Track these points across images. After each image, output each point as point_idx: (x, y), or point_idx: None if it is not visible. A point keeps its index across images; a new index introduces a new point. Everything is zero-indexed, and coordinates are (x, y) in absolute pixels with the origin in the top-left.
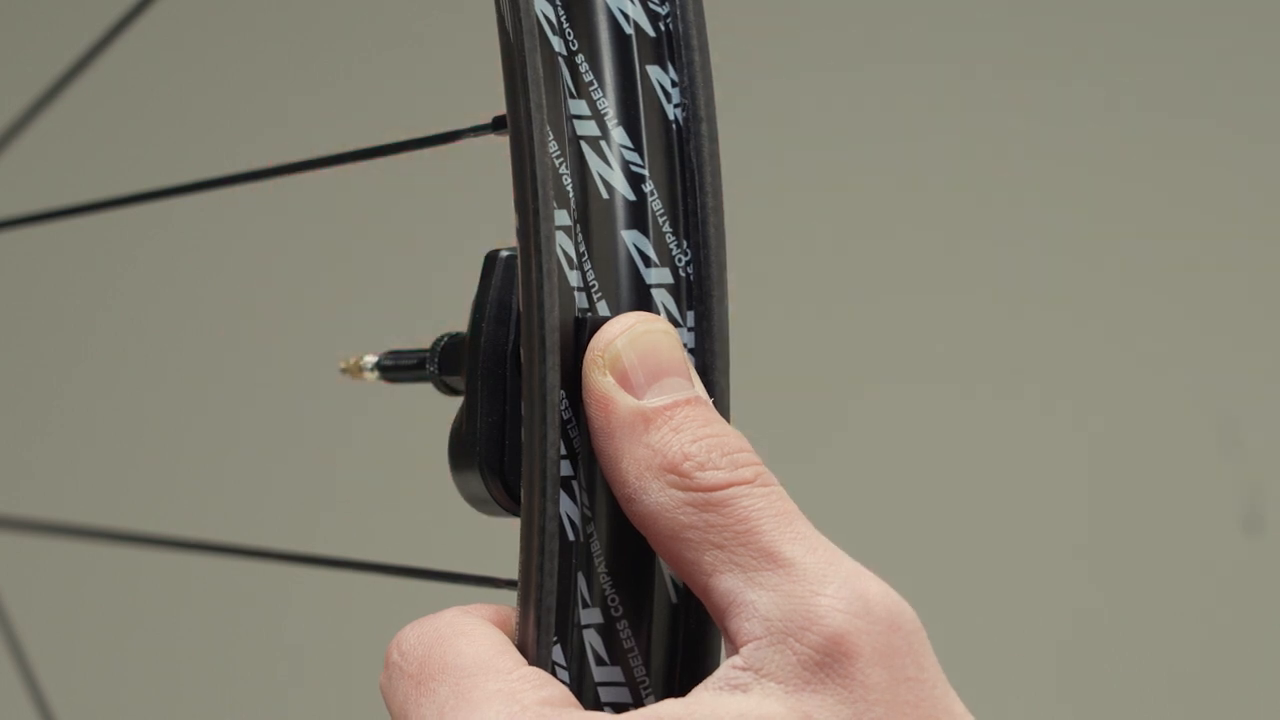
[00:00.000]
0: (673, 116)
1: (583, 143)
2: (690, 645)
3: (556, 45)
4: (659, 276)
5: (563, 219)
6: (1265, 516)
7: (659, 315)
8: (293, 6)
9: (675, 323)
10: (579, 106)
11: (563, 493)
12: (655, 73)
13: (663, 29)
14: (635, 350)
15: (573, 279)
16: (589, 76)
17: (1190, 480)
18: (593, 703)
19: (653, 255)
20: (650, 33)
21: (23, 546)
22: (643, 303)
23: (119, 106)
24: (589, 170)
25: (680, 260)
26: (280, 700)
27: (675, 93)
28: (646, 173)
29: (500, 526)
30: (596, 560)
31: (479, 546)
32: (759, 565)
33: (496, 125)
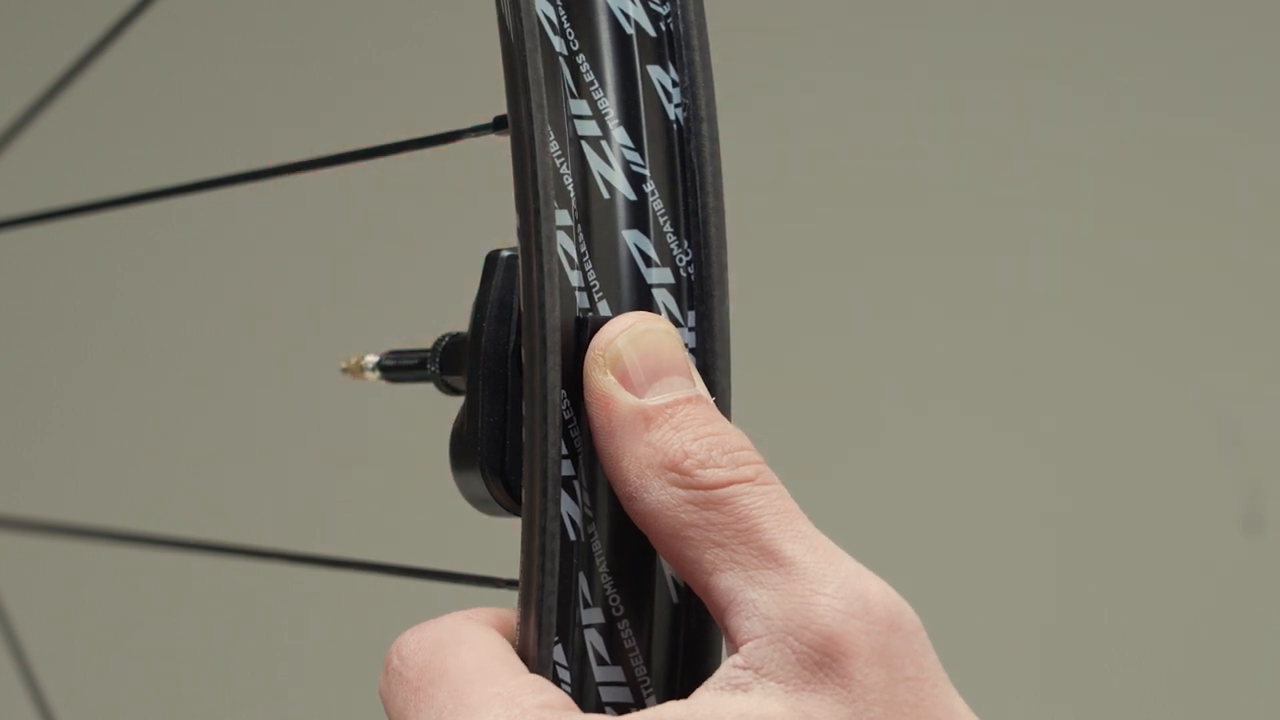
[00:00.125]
0: (673, 116)
1: (584, 142)
2: (691, 645)
3: (557, 45)
4: (660, 276)
5: (564, 219)
6: (1265, 516)
7: (660, 315)
8: (293, 6)
9: (676, 323)
10: (580, 106)
11: (564, 492)
12: (656, 72)
13: (663, 29)
14: (636, 349)
15: (574, 279)
16: (590, 76)
17: (1190, 480)
18: (594, 702)
19: (654, 255)
20: (651, 32)
21: (23, 546)
22: (644, 303)
23: (119, 106)
24: (590, 170)
25: (681, 260)
26: (280, 700)
27: (676, 93)
28: (647, 172)
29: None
30: (598, 560)
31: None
32: (759, 564)
33: (497, 125)
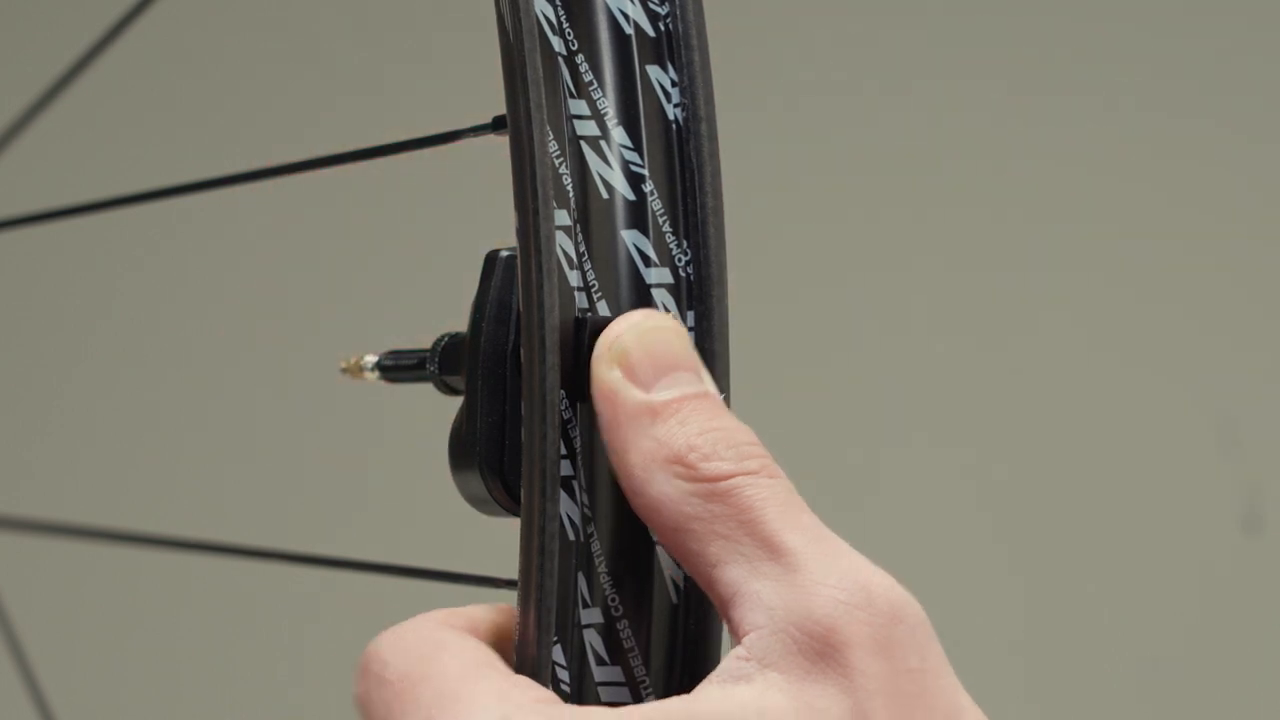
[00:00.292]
0: (673, 116)
1: (583, 142)
2: (690, 645)
3: (556, 45)
4: (659, 276)
5: (563, 219)
6: (1265, 516)
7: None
8: (293, 7)
9: None
10: (579, 106)
11: (563, 492)
12: (655, 72)
13: (663, 29)
14: (643, 345)
15: (573, 279)
16: (589, 76)
17: (1190, 480)
18: (593, 702)
19: (653, 255)
20: (650, 33)
21: (23, 546)
22: (643, 302)
23: (119, 106)
24: (589, 170)
25: (680, 260)
26: (280, 700)
27: (675, 93)
28: (646, 172)
29: (500, 526)
30: (597, 560)
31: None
32: (762, 555)
33: (496, 125)
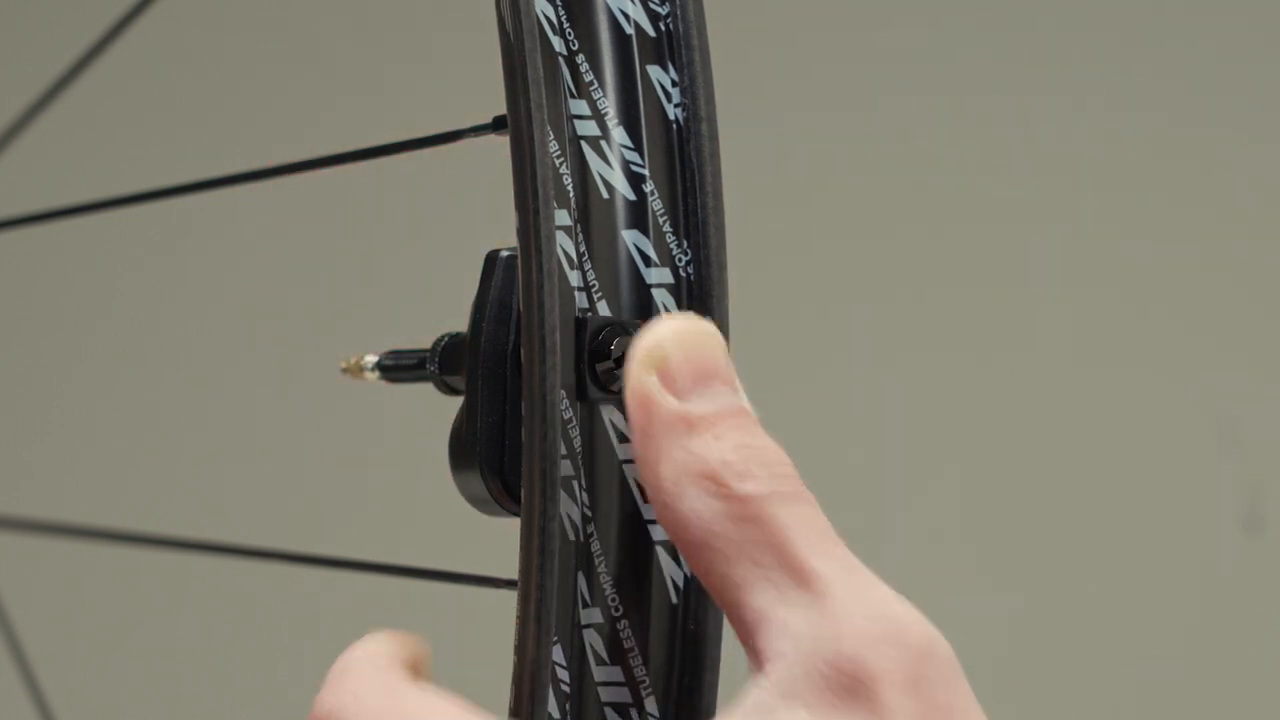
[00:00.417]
0: (673, 116)
1: (583, 142)
2: (690, 645)
3: (557, 45)
4: (659, 276)
5: (563, 219)
6: (1265, 516)
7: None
8: (293, 7)
9: None
10: (579, 106)
11: (563, 492)
12: (655, 72)
13: (663, 29)
14: (682, 352)
15: (573, 279)
16: (589, 76)
17: (1190, 480)
18: (593, 702)
19: (653, 255)
20: (650, 32)
21: (23, 546)
22: (643, 302)
23: (119, 106)
24: (589, 170)
25: (680, 260)
26: (280, 700)
27: (675, 92)
28: (647, 172)
29: (500, 526)
30: (597, 560)
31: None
32: (791, 582)
33: (497, 125)
